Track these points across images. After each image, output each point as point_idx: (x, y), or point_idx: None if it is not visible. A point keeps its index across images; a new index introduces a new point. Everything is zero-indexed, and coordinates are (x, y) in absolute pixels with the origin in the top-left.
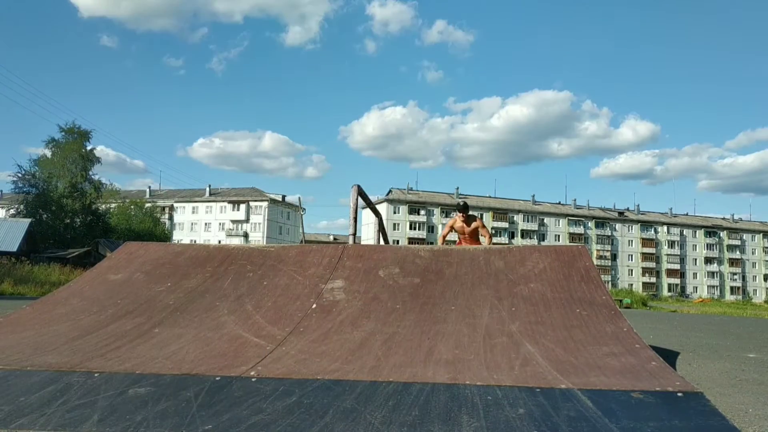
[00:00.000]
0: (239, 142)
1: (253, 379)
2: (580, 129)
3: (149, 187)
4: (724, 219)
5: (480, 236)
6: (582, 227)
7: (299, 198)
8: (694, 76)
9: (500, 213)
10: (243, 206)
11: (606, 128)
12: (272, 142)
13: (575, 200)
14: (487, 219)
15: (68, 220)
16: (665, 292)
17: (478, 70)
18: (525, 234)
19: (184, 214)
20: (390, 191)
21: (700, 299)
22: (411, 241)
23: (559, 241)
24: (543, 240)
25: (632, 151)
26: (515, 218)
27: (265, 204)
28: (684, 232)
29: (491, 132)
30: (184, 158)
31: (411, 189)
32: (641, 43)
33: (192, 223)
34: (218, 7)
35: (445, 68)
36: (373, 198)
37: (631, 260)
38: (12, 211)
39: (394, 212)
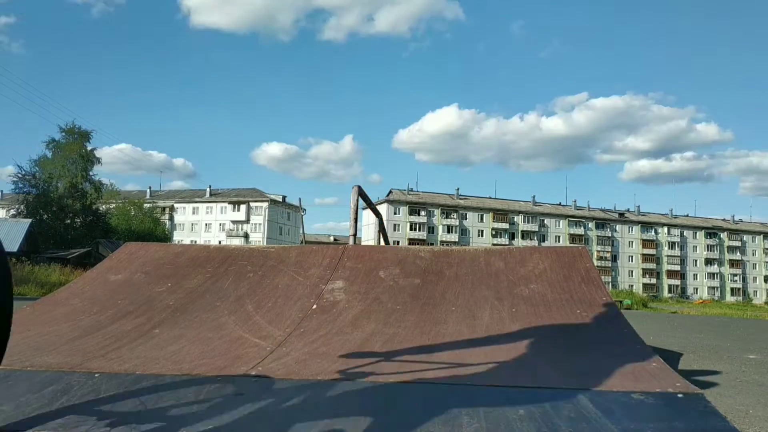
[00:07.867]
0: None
1: (253, 380)
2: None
3: (150, 188)
4: (724, 220)
5: None
6: (582, 228)
7: (299, 199)
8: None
9: (501, 214)
10: (243, 207)
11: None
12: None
13: (575, 201)
14: (488, 220)
15: (69, 221)
16: (665, 294)
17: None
18: (525, 235)
19: (184, 214)
20: (390, 192)
21: (701, 300)
22: (411, 241)
23: (559, 242)
24: (543, 241)
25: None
26: (516, 219)
27: (265, 205)
28: (684, 234)
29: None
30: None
31: (411, 190)
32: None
33: (192, 224)
34: None
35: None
36: (373, 198)
37: (632, 261)
38: (12, 212)
39: (395, 213)
